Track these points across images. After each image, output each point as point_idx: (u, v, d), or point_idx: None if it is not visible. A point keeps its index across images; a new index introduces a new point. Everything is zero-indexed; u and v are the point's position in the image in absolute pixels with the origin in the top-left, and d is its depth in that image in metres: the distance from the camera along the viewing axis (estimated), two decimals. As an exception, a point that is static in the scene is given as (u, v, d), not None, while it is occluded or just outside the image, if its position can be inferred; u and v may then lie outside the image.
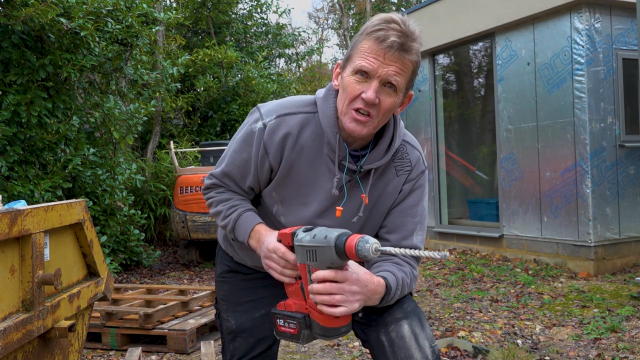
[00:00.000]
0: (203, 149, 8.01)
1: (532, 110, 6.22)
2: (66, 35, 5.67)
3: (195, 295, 4.57)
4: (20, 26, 5.29)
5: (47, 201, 5.47)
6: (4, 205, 1.97)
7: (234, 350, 1.77)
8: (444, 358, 3.40)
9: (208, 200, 1.68)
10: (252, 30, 13.39)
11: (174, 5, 12.37)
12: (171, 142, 8.09)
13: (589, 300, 4.67)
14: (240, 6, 13.23)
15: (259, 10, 13.37)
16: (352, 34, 19.16)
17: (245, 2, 13.43)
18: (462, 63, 7.96)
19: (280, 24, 13.96)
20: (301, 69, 18.47)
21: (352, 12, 21.17)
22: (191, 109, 11.38)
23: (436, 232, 7.65)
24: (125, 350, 3.84)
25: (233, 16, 12.79)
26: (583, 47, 5.67)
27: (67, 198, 6.01)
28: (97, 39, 5.97)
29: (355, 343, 3.82)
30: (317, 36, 24.36)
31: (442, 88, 7.93)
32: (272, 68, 13.70)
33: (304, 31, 19.98)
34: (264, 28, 13.63)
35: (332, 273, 1.33)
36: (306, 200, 1.57)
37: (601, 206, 5.67)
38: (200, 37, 12.72)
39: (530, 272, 5.76)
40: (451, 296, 5.07)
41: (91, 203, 6.24)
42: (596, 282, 5.30)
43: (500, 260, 6.46)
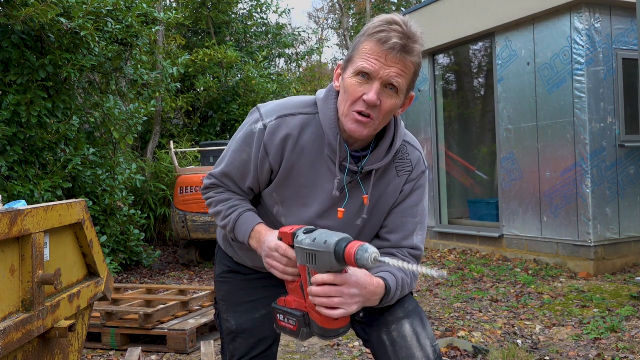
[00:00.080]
0: (203, 149, 8.01)
1: (532, 110, 6.22)
2: (66, 35, 5.67)
3: (195, 295, 4.57)
4: (20, 26, 5.29)
5: (47, 201, 5.47)
6: (4, 205, 1.97)
7: (234, 350, 1.77)
8: (444, 358, 3.40)
9: (207, 200, 1.68)
10: (252, 30, 13.39)
11: (174, 5, 12.37)
12: (171, 142, 8.09)
13: (589, 300, 4.67)
14: (240, 6, 13.23)
15: (259, 10, 13.37)
16: (352, 34, 19.16)
17: (245, 2, 13.44)
18: (462, 63, 7.95)
19: (280, 24, 13.96)
20: (301, 69, 18.47)
21: (352, 12, 21.15)
22: (191, 109, 11.38)
23: (436, 232, 7.65)
24: (125, 350, 3.84)
25: (233, 16, 12.79)
26: (583, 47, 5.67)
27: (67, 198, 6.01)
28: (97, 39, 5.97)
29: (355, 343, 3.81)
30: (317, 36, 24.37)
31: (442, 88, 7.93)
32: (272, 68, 13.70)
33: (304, 31, 19.99)
34: (264, 28, 13.63)
35: (332, 277, 1.34)
36: (307, 201, 1.56)
37: (601, 206, 5.67)
38: (200, 37, 12.72)
39: (530, 272, 5.76)
40: (451, 296, 5.07)
41: (91, 203, 6.23)
42: (596, 282, 5.30)
43: (500, 260, 6.46)
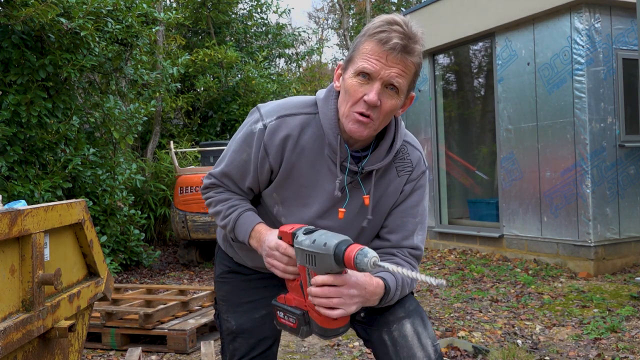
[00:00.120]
0: (203, 149, 8.01)
1: (532, 110, 6.22)
2: (66, 35, 5.67)
3: (195, 295, 4.57)
4: (20, 26, 5.29)
5: (47, 201, 5.47)
6: (4, 205, 1.97)
7: (234, 350, 1.76)
8: (445, 358, 3.40)
9: (207, 200, 1.68)
10: (252, 30, 13.39)
11: (174, 5, 12.37)
12: (171, 142, 8.09)
13: (589, 300, 4.67)
14: (240, 6, 13.24)
15: (259, 10, 13.37)
16: (352, 34, 19.16)
17: (245, 2, 13.45)
18: (462, 63, 7.95)
19: (280, 24, 13.96)
20: (301, 69, 18.47)
21: (352, 12, 21.15)
22: (191, 109, 11.38)
23: (436, 232, 7.65)
24: (125, 350, 3.84)
25: (233, 16, 12.79)
26: (583, 47, 5.67)
27: (67, 198, 6.01)
28: (97, 39, 5.97)
29: (355, 343, 3.81)
30: (317, 36, 24.37)
31: (442, 88, 7.93)
32: (272, 68, 13.70)
33: (304, 31, 19.99)
34: (264, 28, 13.63)
35: (331, 278, 1.35)
36: (307, 201, 1.56)
37: (601, 206, 5.67)
38: (200, 37, 12.72)
39: (530, 272, 5.76)
40: (451, 296, 5.07)
41: (91, 203, 6.23)
42: (596, 282, 5.30)
43: (500, 260, 6.46)
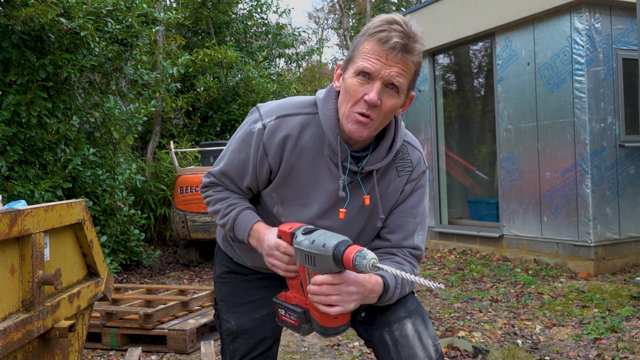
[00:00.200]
0: (203, 149, 8.01)
1: (532, 110, 6.22)
2: (66, 35, 5.67)
3: (195, 295, 4.57)
4: (20, 26, 5.29)
5: (47, 201, 5.47)
6: (4, 205, 1.97)
7: (234, 351, 1.76)
8: (445, 358, 3.40)
9: (206, 198, 1.68)
10: (252, 30, 13.39)
11: (174, 5, 12.37)
12: (171, 142, 8.09)
13: (589, 300, 4.67)
14: (240, 6, 13.24)
15: (259, 10, 13.37)
16: (352, 34, 19.15)
17: (245, 2, 13.45)
18: (462, 63, 7.95)
19: (280, 24, 13.96)
20: (301, 69, 18.47)
21: (352, 12, 21.15)
22: (191, 109, 11.38)
23: (436, 232, 7.65)
24: (125, 350, 3.84)
25: (233, 16, 12.79)
26: (583, 47, 5.67)
27: (67, 198, 6.01)
28: (97, 39, 5.97)
29: (355, 343, 3.81)
30: (317, 36, 24.37)
31: (442, 88, 7.93)
32: (272, 68, 13.70)
33: (304, 31, 19.98)
34: (264, 28, 13.63)
35: (330, 277, 1.35)
36: (307, 201, 1.56)
37: (601, 206, 5.67)
38: (200, 37, 12.72)
39: (530, 272, 5.76)
40: (451, 296, 5.07)
41: (91, 203, 6.23)
42: (596, 282, 5.30)
43: (500, 260, 6.46)
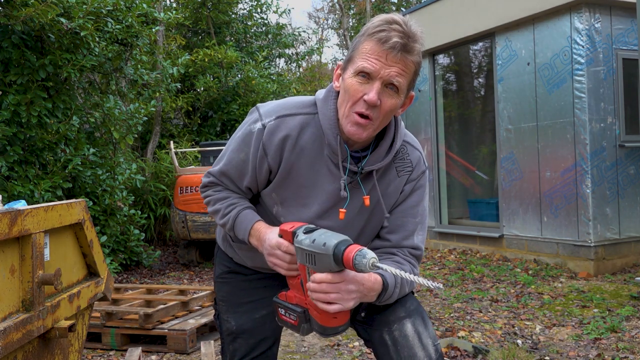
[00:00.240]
0: (203, 149, 8.01)
1: (532, 110, 6.22)
2: (66, 35, 5.67)
3: (195, 295, 4.57)
4: (20, 26, 5.29)
5: (47, 201, 5.47)
6: (4, 205, 1.97)
7: (234, 351, 1.76)
8: (445, 358, 3.40)
9: (206, 198, 1.68)
10: (252, 30, 13.39)
11: (174, 5, 12.37)
12: (171, 142, 8.09)
13: (589, 300, 4.67)
14: (240, 6, 13.24)
15: (259, 10, 13.37)
16: (352, 34, 19.15)
17: (245, 2, 13.45)
18: (462, 63, 7.95)
19: (280, 24, 13.96)
20: (301, 69, 18.47)
21: (352, 12, 21.15)
22: (191, 109, 11.38)
23: (436, 232, 7.65)
24: (125, 350, 3.84)
25: (233, 16, 12.79)
26: (583, 47, 5.67)
27: (67, 198, 6.01)
28: (97, 39, 5.97)
29: (355, 343, 3.81)
30: (317, 36, 24.37)
31: (442, 88, 7.93)
32: (272, 68, 13.70)
33: (304, 31, 19.98)
34: (264, 28, 13.63)
35: (330, 276, 1.35)
36: (306, 201, 1.56)
37: (601, 206, 5.67)
38: (200, 37, 12.72)
39: (530, 272, 5.76)
40: (451, 296, 5.07)
41: (91, 203, 6.23)
42: (596, 282, 5.30)
43: (500, 260, 6.46)
